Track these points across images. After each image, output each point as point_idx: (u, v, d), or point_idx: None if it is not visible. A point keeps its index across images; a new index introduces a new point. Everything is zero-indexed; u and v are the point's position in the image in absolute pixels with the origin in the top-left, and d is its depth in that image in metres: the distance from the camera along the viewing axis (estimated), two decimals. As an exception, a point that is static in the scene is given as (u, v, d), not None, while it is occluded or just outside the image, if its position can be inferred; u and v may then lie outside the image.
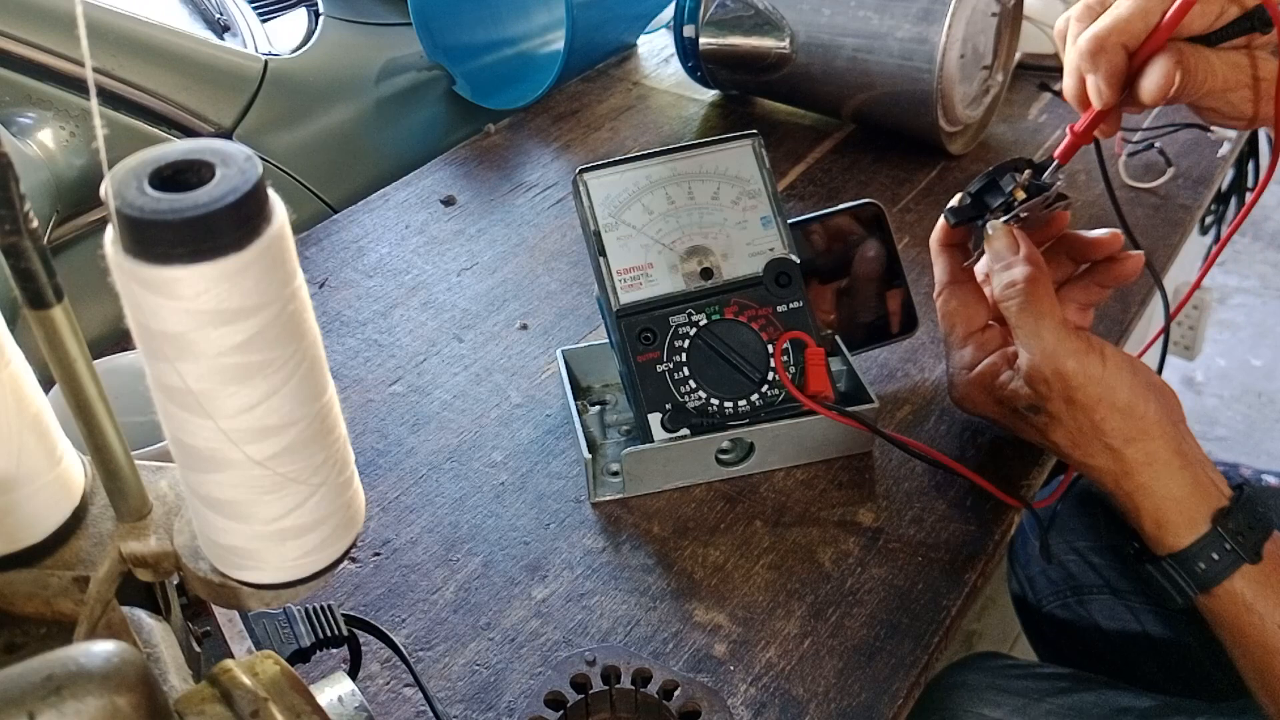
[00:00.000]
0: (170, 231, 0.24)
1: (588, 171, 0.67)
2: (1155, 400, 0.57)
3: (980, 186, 0.63)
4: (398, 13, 1.14)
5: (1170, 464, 0.57)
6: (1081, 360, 0.57)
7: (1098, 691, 0.69)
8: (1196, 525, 0.56)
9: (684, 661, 0.58)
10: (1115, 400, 0.56)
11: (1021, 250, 0.60)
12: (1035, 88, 1.10)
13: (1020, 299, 0.58)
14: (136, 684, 0.25)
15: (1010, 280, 0.59)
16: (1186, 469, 0.57)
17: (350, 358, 0.79)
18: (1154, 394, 0.57)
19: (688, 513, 0.66)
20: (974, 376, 0.64)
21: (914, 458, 0.67)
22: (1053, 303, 0.59)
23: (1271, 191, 1.10)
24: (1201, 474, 0.57)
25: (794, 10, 0.97)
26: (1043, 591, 0.87)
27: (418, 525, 0.66)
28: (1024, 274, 0.59)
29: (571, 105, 1.10)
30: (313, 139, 1.01)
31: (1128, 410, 0.56)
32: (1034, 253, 0.60)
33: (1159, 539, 0.57)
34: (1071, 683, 0.70)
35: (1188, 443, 0.58)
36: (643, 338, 0.65)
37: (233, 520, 0.30)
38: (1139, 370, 0.58)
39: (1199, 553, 0.56)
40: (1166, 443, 0.57)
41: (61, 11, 0.84)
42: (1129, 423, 0.57)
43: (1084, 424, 0.58)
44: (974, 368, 0.64)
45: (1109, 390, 0.56)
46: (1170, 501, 0.57)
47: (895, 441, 0.65)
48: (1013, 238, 0.61)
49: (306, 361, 0.28)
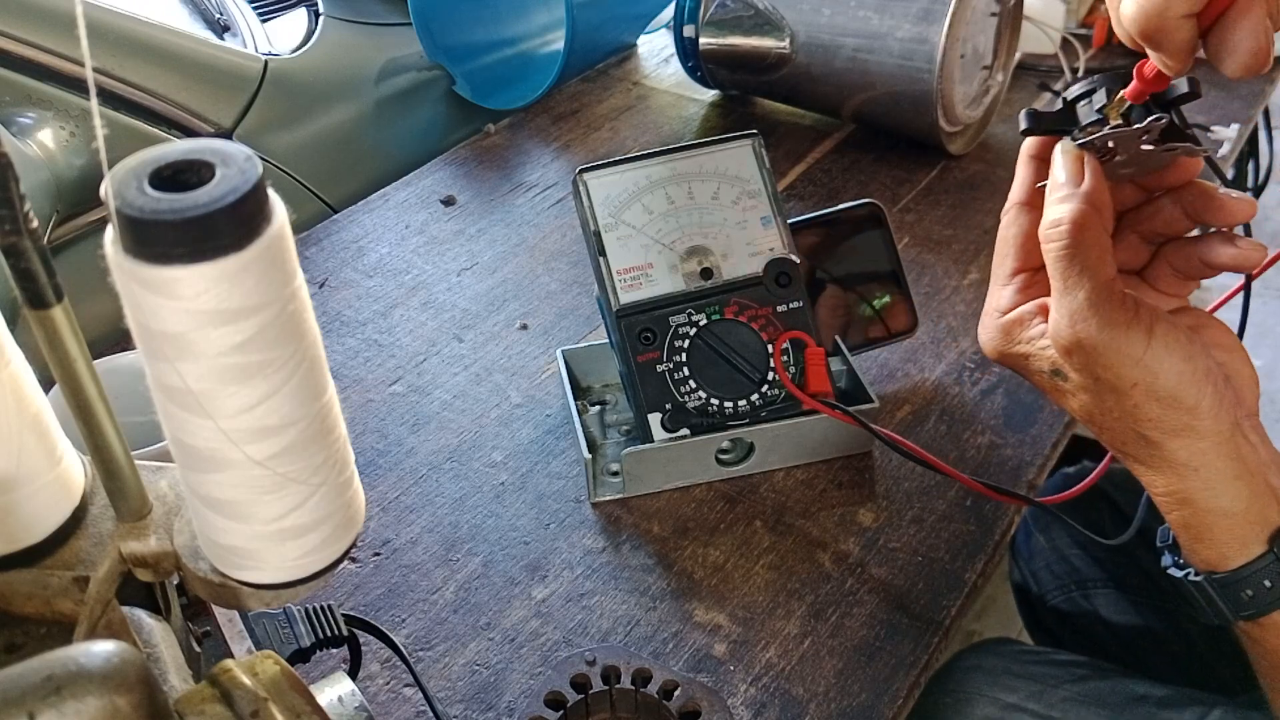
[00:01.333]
0: (170, 231, 0.24)
1: (588, 171, 0.67)
2: (1212, 391, 0.47)
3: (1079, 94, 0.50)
4: (398, 13, 1.14)
5: (1223, 472, 0.47)
6: (1118, 334, 0.46)
7: (1113, 680, 0.69)
8: (1248, 547, 0.47)
9: (684, 661, 0.57)
10: (1156, 387, 0.47)
11: (1086, 183, 0.48)
12: (1035, 88, 1.10)
13: (1064, 242, 0.47)
14: (136, 684, 0.25)
15: (1056, 219, 0.48)
16: (1243, 478, 0.47)
17: (350, 358, 0.79)
18: (1211, 384, 0.47)
19: (688, 513, 0.66)
20: (1005, 323, 0.53)
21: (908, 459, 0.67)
22: (1102, 256, 0.47)
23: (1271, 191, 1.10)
24: (1261, 483, 0.48)
25: (794, 10, 0.97)
26: (1046, 584, 0.87)
27: (418, 525, 0.66)
28: (1073, 213, 0.47)
29: (571, 105, 1.10)
30: (313, 139, 1.01)
31: (1171, 400, 0.47)
32: (1099, 190, 0.49)
33: (1198, 552, 0.49)
34: (1087, 670, 0.70)
35: (1249, 443, 0.48)
36: (643, 338, 0.65)
37: (233, 520, 0.30)
38: (1194, 355, 0.47)
39: (1248, 578, 0.47)
40: (1219, 444, 0.47)
41: (61, 11, 0.84)
42: (1171, 415, 0.47)
43: (1112, 406, 0.48)
44: (1009, 312, 0.53)
45: (1148, 374, 0.46)
46: (1218, 516, 0.48)
47: (889, 442, 0.64)
48: (1080, 165, 0.49)
49: (306, 361, 0.28)
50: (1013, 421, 0.71)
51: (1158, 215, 0.53)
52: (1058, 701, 0.67)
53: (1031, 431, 0.71)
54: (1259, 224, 2.39)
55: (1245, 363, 0.50)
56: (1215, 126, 1.01)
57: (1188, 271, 0.53)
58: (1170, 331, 0.47)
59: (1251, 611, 0.47)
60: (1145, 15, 0.41)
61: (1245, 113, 1.05)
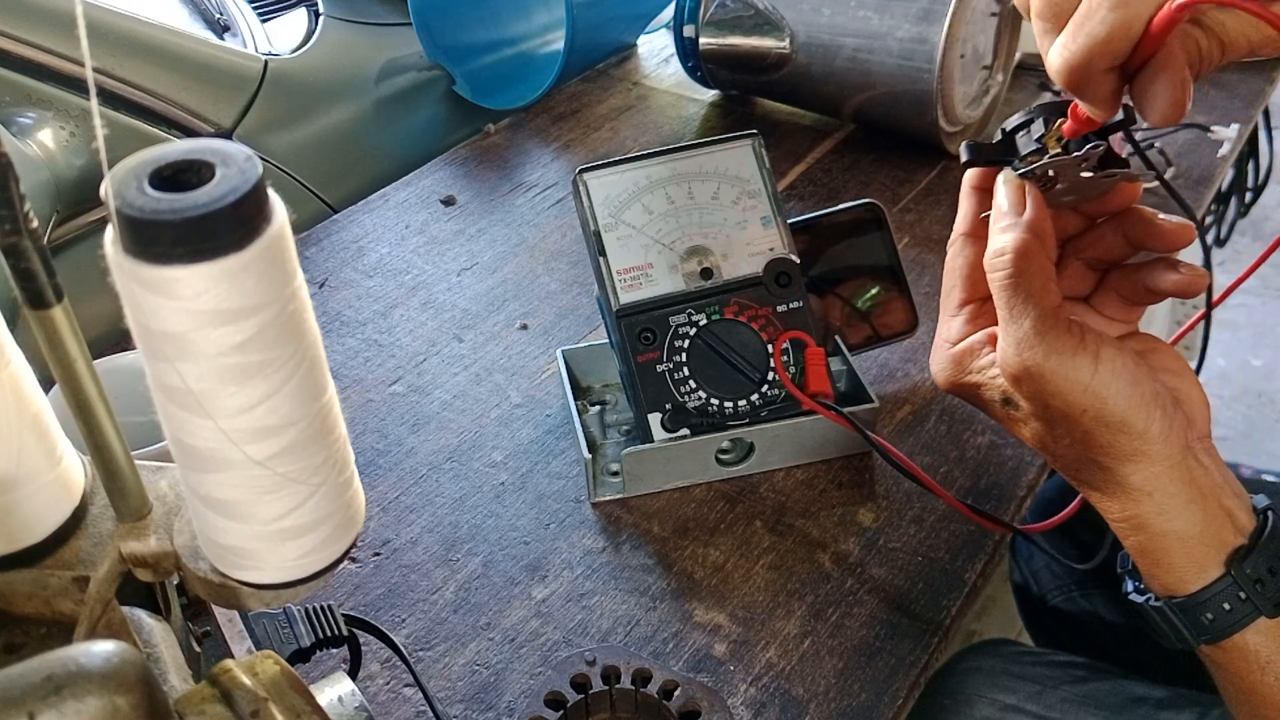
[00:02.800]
0: (170, 231, 0.24)
1: (588, 171, 0.67)
2: (1161, 415, 0.47)
3: (1017, 124, 0.51)
4: (398, 13, 1.14)
5: (1176, 496, 0.47)
6: (1064, 360, 0.47)
7: (1112, 681, 0.69)
8: (1206, 570, 0.47)
9: (684, 661, 0.58)
10: (1105, 412, 0.47)
11: (1028, 212, 0.49)
12: (1035, 87, 1.10)
13: (1007, 271, 0.48)
14: (136, 684, 0.25)
15: (1000, 248, 0.49)
16: (1196, 501, 0.47)
17: (350, 358, 0.79)
18: (1159, 407, 0.47)
19: (688, 513, 0.66)
20: (955, 353, 0.54)
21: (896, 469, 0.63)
22: (1045, 284, 0.48)
23: (1271, 191, 1.10)
24: (1215, 505, 0.47)
25: (794, 10, 0.97)
26: (1046, 584, 0.87)
27: (418, 525, 0.66)
28: (1016, 243, 0.48)
29: (571, 105, 1.10)
30: (313, 139, 1.01)
31: (1121, 425, 0.47)
32: (1041, 219, 0.49)
33: (1157, 578, 0.49)
34: (1086, 671, 0.70)
35: (1202, 466, 0.48)
36: (643, 338, 0.65)
37: (233, 520, 0.30)
38: (1141, 380, 0.47)
39: (1207, 602, 0.47)
40: (1171, 468, 0.47)
41: (61, 11, 0.84)
42: (1122, 440, 0.47)
43: (1063, 433, 0.49)
44: (958, 343, 0.54)
45: (1096, 400, 0.47)
46: (1173, 540, 0.47)
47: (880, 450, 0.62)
48: (1021, 194, 0.50)
49: (306, 361, 0.28)
50: (1013, 421, 0.71)
51: (1100, 242, 0.53)
52: (1056, 703, 0.67)
53: (1031, 431, 0.71)
54: (1259, 224, 2.39)
55: (1194, 385, 0.50)
56: (1215, 126, 1.01)
57: (1133, 298, 0.53)
58: (1117, 356, 0.47)
59: (1211, 635, 0.47)
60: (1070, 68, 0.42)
61: (1245, 113, 1.05)
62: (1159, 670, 0.73)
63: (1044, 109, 0.50)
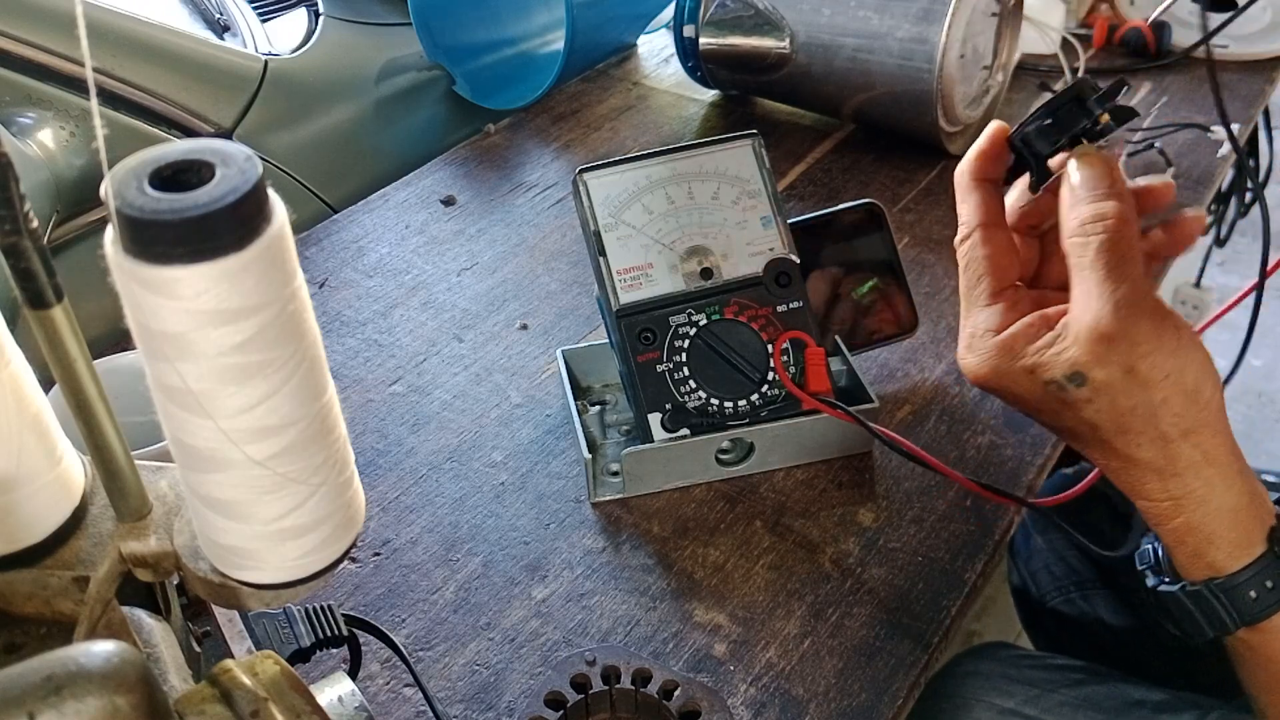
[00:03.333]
0: (170, 231, 0.24)
1: (588, 171, 0.67)
2: (1215, 386, 0.48)
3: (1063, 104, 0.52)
4: (398, 13, 1.14)
5: (1228, 467, 0.47)
6: (1158, 324, 0.47)
7: (1110, 684, 0.69)
8: (1253, 545, 0.47)
9: (684, 661, 0.58)
10: (1184, 380, 0.47)
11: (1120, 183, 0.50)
12: (1035, 88, 1.10)
13: (1106, 237, 0.48)
14: (136, 684, 0.25)
15: (1100, 213, 0.48)
16: (1244, 475, 0.48)
17: (350, 358, 0.79)
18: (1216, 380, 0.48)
19: (688, 513, 0.66)
20: (1005, 339, 0.52)
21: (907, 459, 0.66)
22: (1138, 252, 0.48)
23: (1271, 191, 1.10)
24: (1256, 483, 0.48)
25: (794, 10, 0.97)
26: (1045, 586, 0.87)
27: (418, 525, 0.66)
28: (1117, 209, 0.48)
29: (571, 105, 1.10)
30: (313, 139, 1.01)
31: (1194, 394, 0.47)
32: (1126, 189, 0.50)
33: (1202, 557, 0.48)
34: (1084, 674, 0.70)
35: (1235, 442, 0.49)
36: (643, 338, 0.65)
37: (233, 520, 0.30)
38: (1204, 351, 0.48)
39: (1251, 579, 0.47)
40: (1225, 440, 0.48)
41: (61, 11, 0.84)
42: (1192, 410, 0.47)
43: (1139, 403, 0.47)
44: (1003, 330, 0.52)
45: (1179, 367, 0.47)
46: (1225, 514, 0.47)
47: (888, 441, 0.63)
48: (1109, 164, 0.50)
49: (306, 361, 0.28)
50: (1013, 421, 0.71)
51: None
52: (1054, 706, 0.67)
53: (1031, 431, 0.71)
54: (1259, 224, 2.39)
55: None
56: (1215, 126, 1.01)
57: None
58: (1188, 326, 0.48)
59: (1254, 616, 0.47)
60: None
61: (1245, 113, 1.05)
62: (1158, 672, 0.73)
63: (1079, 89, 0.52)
